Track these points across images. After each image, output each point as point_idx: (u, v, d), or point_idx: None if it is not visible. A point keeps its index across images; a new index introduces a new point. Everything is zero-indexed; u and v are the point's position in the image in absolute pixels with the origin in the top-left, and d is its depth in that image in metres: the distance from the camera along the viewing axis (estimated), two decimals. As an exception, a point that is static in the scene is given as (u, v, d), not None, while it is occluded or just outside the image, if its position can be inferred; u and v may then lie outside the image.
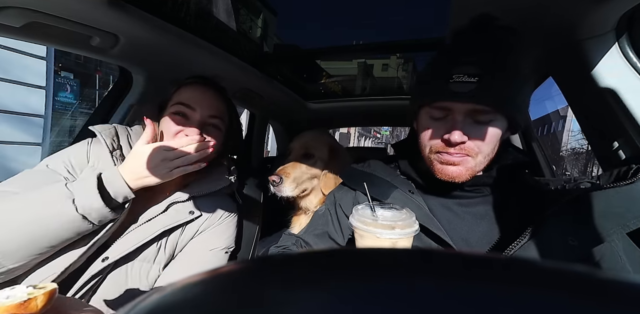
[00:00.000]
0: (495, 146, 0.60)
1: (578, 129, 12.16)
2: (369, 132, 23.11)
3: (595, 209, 0.52)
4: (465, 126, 0.56)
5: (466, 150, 0.57)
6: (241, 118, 1.19)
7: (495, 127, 0.57)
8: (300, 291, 0.12)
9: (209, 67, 1.08)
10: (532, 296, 0.11)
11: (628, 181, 0.52)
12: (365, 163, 0.79)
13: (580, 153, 15.40)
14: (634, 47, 0.65)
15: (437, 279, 0.12)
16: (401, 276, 0.13)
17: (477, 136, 0.56)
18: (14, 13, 0.62)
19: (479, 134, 0.57)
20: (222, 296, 0.13)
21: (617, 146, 0.72)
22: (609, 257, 0.50)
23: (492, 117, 0.56)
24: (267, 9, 1.22)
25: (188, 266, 0.73)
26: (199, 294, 0.13)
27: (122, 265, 0.67)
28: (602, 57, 0.67)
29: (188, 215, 0.73)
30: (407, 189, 0.68)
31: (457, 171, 0.59)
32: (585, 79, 0.70)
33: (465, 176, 0.59)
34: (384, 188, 0.68)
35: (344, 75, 1.80)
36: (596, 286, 0.12)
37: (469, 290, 0.12)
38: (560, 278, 0.13)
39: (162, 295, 0.13)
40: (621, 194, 0.52)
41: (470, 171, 0.59)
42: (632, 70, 0.65)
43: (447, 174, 0.60)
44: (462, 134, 0.55)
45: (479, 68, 0.54)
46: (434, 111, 0.60)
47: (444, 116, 0.59)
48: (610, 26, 0.64)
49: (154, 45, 0.87)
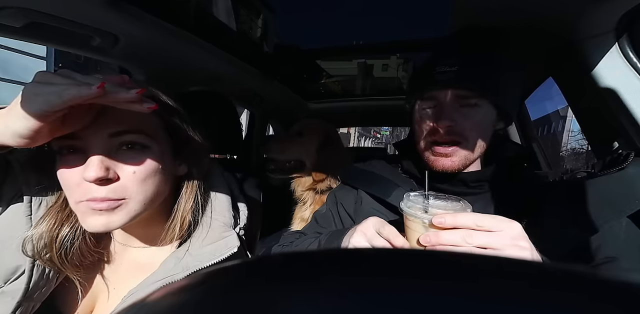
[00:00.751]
0: (486, 134, 0.62)
1: (578, 129, 12.15)
2: (369, 132, 23.10)
3: (590, 197, 0.53)
4: (452, 110, 0.60)
5: (455, 134, 0.60)
6: (241, 118, 1.19)
7: (480, 112, 0.61)
8: (294, 291, 0.12)
9: (209, 67, 1.08)
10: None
11: (618, 167, 0.53)
12: (367, 162, 0.79)
13: (580, 153, 15.40)
14: (634, 47, 0.65)
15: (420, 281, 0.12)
16: (392, 278, 0.13)
17: (464, 119, 0.60)
18: (14, 13, 0.62)
19: (466, 117, 0.60)
20: (220, 296, 0.13)
21: (617, 146, 0.72)
22: (611, 243, 0.51)
23: (477, 101, 0.60)
24: (267, 9, 1.22)
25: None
26: (196, 295, 0.13)
27: None
28: (602, 57, 0.67)
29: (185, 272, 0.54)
30: (409, 188, 0.68)
31: (450, 162, 0.61)
32: (585, 79, 0.70)
33: (457, 166, 0.61)
34: (386, 187, 0.69)
35: (344, 75, 1.80)
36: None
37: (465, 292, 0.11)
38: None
39: (159, 296, 0.13)
40: (613, 181, 0.53)
41: (462, 161, 0.61)
42: (632, 70, 0.65)
43: (440, 166, 0.62)
44: (449, 117, 0.59)
45: (459, 58, 0.60)
46: (424, 102, 0.65)
47: (433, 106, 0.63)
48: (610, 26, 0.64)
49: (154, 45, 0.87)
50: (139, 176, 0.47)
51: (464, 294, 0.11)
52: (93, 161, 0.44)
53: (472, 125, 0.60)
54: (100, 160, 0.44)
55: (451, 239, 0.40)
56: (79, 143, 0.45)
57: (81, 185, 0.45)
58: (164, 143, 0.52)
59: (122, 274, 0.56)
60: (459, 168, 0.62)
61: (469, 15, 0.74)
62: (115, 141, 0.46)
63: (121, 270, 0.57)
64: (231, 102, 1.11)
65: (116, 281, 0.56)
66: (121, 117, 0.46)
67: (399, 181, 0.70)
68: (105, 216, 0.45)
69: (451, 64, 0.59)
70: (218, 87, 1.23)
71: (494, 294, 0.11)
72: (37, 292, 0.48)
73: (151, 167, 0.48)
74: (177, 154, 0.55)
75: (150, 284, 0.50)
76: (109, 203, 0.45)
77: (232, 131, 1.09)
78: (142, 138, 0.48)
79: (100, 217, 0.45)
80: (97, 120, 0.45)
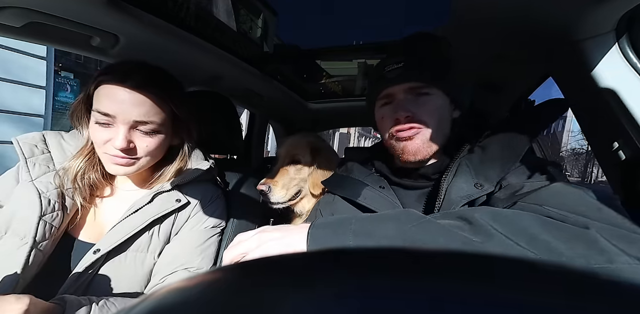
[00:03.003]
0: (444, 121, 0.68)
1: (578, 129, 12.17)
2: (369, 132, 23.11)
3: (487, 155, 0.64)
4: (406, 102, 0.67)
5: (414, 122, 0.65)
6: (241, 118, 1.19)
7: (433, 99, 0.67)
8: (293, 292, 0.12)
9: (209, 67, 1.08)
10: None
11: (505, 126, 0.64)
12: (344, 166, 0.85)
13: (580, 153, 15.39)
14: (634, 47, 0.65)
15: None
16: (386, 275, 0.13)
17: (419, 108, 0.66)
18: (14, 13, 0.62)
19: (420, 106, 0.66)
20: (218, 297, 0.13)
21: (617, 146, 0.72)
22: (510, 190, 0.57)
23: (427, 90, 0.66)
24: (267, 9, 1.22)
25: (184, 246, 0.76)
26: (193, 296, 0.13)
27: (115, 256, 0.69)
28: (602, 57, 0.67)
29: (175, 203, 0.76)
30: (378, 185, 0.73)
31: (415, 145, 0.66)
32: (585, 79, 0.70)
33: (424, 150, 0.66)
34: (355, 188, 0.74)
35: (344, 75, 1.80)
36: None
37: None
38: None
39: (158, 298, 0.13)
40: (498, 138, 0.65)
41: (426, 145, 0.66)
42: (632, 70, 0.65)
43: (408, 152, 0.67)
44: (405, 108, 0.65)
45: (404, 56, 0.67)
46: (381, 101, 0.72)
47: (390, 102, 0.70)
48: (610, 26, 0.64)
49: (154, 45, 0.87)
50: (149, 148, 0.71)
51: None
52: (121, 135, 0.65)
53: (428, 112, 0.66)
54: (125, 135, 0.66)
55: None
56: (112, 120, 0.66)
57: (106, 143, 0.67)
58: (169, 126, 0.75)
59: (111, 205, 0.78)
60: (423, 154, 0.66)
61: (468, 16, 0.74)
62: (137, 125, 0.68)
63: (112, 203, 0.79)
64: (231, 102, 1.11)
65: (107, 210, 0.78)
66: (145, 111, 0.67)
67: (369, 180, 0.74)
68: (124, 167, 0.70)
69: (398, 62, 0.66)
70: (218, 87, 1.23)
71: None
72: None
73: (158, 143, 0.72)
74: (175, 131, 0.78)
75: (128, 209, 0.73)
76: (127, 161, 0.69)
77: (232, 130, 1.09)
78: (155, 126, 0.70)
79: (120, 167, 0.69)
80: (120, 110, 0.65)
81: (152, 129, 0.69)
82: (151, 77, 0.68)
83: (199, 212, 0.81)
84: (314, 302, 0.11)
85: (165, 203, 0.76)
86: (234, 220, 0.90)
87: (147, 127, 0.69)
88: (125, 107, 0.65)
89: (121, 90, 0.65)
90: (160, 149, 0.74)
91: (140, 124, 0.67)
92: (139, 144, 0.69)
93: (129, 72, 0.66)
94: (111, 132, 0.66)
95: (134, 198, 0.76)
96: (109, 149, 0.67)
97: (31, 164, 0.70)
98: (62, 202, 0.69)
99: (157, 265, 0.74)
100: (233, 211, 0.91)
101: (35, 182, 0.68)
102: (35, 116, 3.34)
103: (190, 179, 0.80)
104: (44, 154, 0.73)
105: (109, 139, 0.66)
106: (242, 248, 0.48)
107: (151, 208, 0.74)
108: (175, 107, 0.73)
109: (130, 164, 0.70)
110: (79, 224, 0.74)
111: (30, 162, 0.70)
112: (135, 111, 0.66)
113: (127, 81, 0.65)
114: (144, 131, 0.69)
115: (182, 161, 0.82)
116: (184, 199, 0.78)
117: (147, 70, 0.70)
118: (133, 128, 0.67)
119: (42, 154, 0.73)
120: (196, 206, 0.81)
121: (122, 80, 0.65)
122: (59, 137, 0.78)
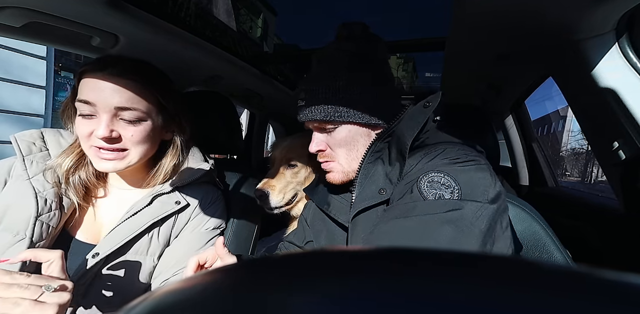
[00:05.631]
0: (357, 145, 0.66)
1: (578, 129, 12.16)
2: (369, 132, 23.05)
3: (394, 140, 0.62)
4: (317, 136, 0.67)
5: (328, 158, 0.67)
6: (241, 118, 1.19)
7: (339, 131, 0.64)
8: (294, 292, 0.12)
9: (209, 67, 1.08)
10: None
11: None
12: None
13: (580, 153, 15.40)
14: (634, 47, 0.65)
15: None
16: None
17: (329, 140, 0.66)
18: (14, 13, 0.62)
19: (330, 139, 0.66)
20: (217, 298, 0.13)
21: (617, 146, 0.72)
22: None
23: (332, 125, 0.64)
24: (267, 9, 1.22)
25: (185, 248, 0.75)
26: (193, 296, 0.13)
27: (114, 260, 0.68)
28: (602, 57, 0.67)
29: (175, 205, 0.75)
30: (342, 192, 0.73)
31: (334, 176, 0.68)
32: (585, 79, 0.70)
33: (344, 176, 0.68)
34: (323, 195, 0.75)
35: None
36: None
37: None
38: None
39: (157, 298, 0.13)
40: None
41: (346, 172, 0.67)
42: (632, 70, 0.65)
43: (331, 180, 0.69)
44: (317, 143, 0.67)
45: (306, 92, 0.65)
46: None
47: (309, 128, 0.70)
48: (610, 26, 0.64)
49: (154, 45, 0.87)
50: (135, 138, 0.66)
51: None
52: (103, 124, 0.62)
53: (337, 144, 0.65)
54: (107, 124, 0.63)
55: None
56: (94, 110, 0.63)
57: (90, 135, 0.64)
58: (156, 117, 0.70)
59: (109, 206, 0.77)
60: (345, 179, 0.67)
61: (469, 16, 0.74)
62: (119, 113, 0.64)
63: (109, 203, 0.77)
64: (231, 102, 1.11)
65: (104, 210, 0.76)
66: (126, 98, 0.64)
67: (336, 187, 0.73)
68: (112, 162, 0.66)
69: (302, 98, 0.65)
70: (218, 87, 1.23)
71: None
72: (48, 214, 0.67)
73: (144, 133, 0.68)
74: (165, 125, 0.74)
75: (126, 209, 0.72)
76: (114, 155, 0.65)
77: (232, 130, 1.09)
78: (138, 114, 0.66)
79: (108, 162, 0.65)
80: (99, 98, 0.62)
81: (137, 117, 0.66)
82: (132, 65, 0.67)
83: (199, 214, 0.80)
84: (315, 302, 0.11)
85: (164, 205, 0.75)
86: (234, 220, 0.90)
87: (131, 114, 0.65)
88: (106, 94, 0.63)
89: (101, 78, 0.63)
90: (148, 141, 0.69)
91: (122, 110, 0.64)
92: (124, 134, 0.65)
93: (109, 61, 0.65)
94: (94, 123, 0.64)
95: (132, 197, 0.75)
96: (93, 141, 0.64)
97: (29, 161, 0.69)
98: (59, 201, 0.68)
99: (158, 268, 0.73)
100: (233, 211, 0.91)
101: (32, 181, 0.66)
102: (35, 116, 3.34)
103: (190, 181, 0.79)
104: (42, 151, 0.72)
105: (92, 131, 0.63)
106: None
107: (150, 211, 0.73)
108: (162, 96, 0.70)
109: (118, 158, 0.66)
110: (77, 224, 0.73)
111: (28, 160, 0.69)
112: (116, 97, 0.63)
113: (106, 69, 0.63)
114: (127, 119, 0.65)
115: (175, 155, 0.78)
116: (183, 201, 0.77)
117: (128, 59, 0.68)
118: (116, 117, 0.64)
119: (40, 152, 0.72)
120: (196, 208, 0.80)
121: (101, 68, 0.63)
122: (57, 135, 0.77)
